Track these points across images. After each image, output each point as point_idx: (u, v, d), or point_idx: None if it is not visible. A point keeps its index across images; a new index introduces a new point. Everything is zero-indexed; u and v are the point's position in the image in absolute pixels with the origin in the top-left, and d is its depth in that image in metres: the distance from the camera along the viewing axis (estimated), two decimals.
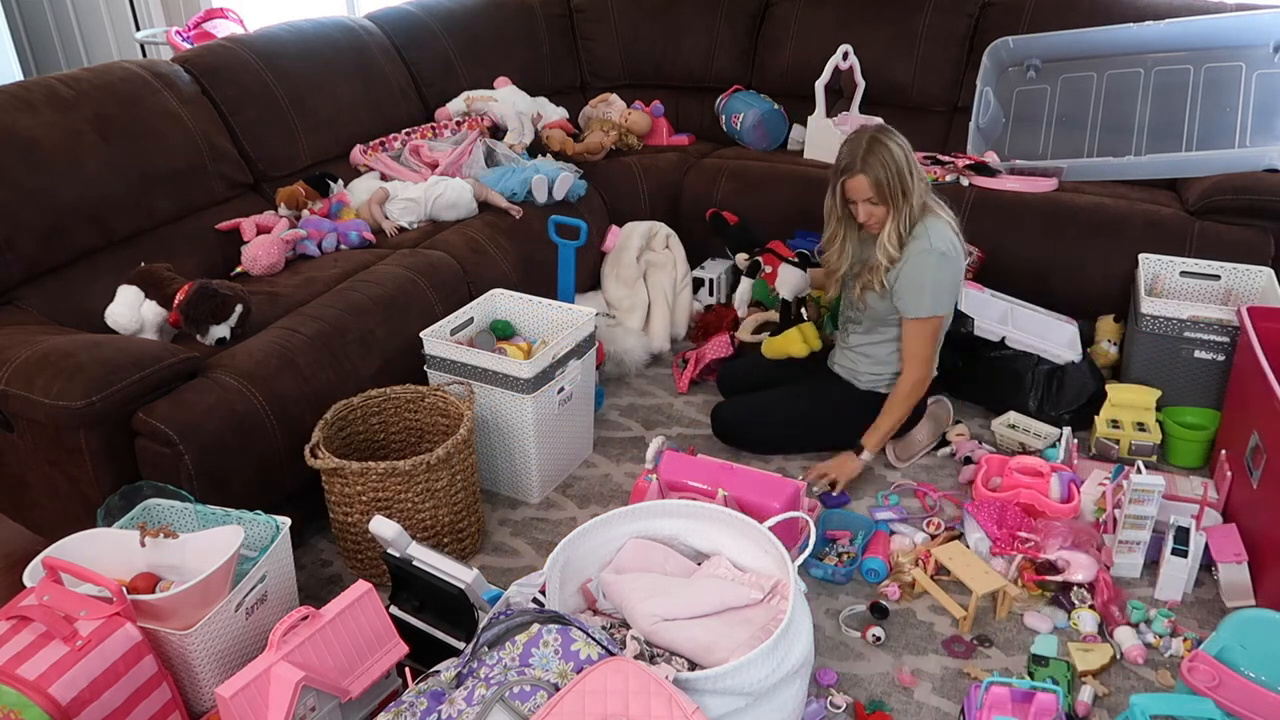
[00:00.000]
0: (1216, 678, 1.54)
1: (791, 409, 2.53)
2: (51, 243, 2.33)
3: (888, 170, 2.21)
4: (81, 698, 1.49)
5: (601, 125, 3.46)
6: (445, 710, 1.47)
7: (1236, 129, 2.96)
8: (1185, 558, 1.99)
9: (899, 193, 2.23)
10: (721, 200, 3.26)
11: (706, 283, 3.24)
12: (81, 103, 2.47)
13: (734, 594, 1.72)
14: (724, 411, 2.58)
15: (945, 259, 2.26)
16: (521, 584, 1.68)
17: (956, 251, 2.29)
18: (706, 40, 3.73)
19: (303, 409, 2.15)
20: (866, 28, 3.44)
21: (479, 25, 3.57)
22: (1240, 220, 2.72)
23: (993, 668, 1.89)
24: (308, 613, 1.59)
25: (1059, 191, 2.98)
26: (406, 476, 2.02)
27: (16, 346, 2.00)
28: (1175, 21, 3.01)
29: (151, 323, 2.25)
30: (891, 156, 2.21)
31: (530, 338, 2.57)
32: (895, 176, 2.21)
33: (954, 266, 2.29)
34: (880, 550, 2.13)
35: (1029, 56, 3.23)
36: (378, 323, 2.38)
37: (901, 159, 2.23)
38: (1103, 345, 2.76)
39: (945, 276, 2.28)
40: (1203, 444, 2.44)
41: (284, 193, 2.75)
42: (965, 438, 2.56)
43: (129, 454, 1.99)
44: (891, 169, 2.21)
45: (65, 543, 1.72)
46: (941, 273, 2.27)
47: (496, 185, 2.98)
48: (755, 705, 1.52)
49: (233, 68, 2.85)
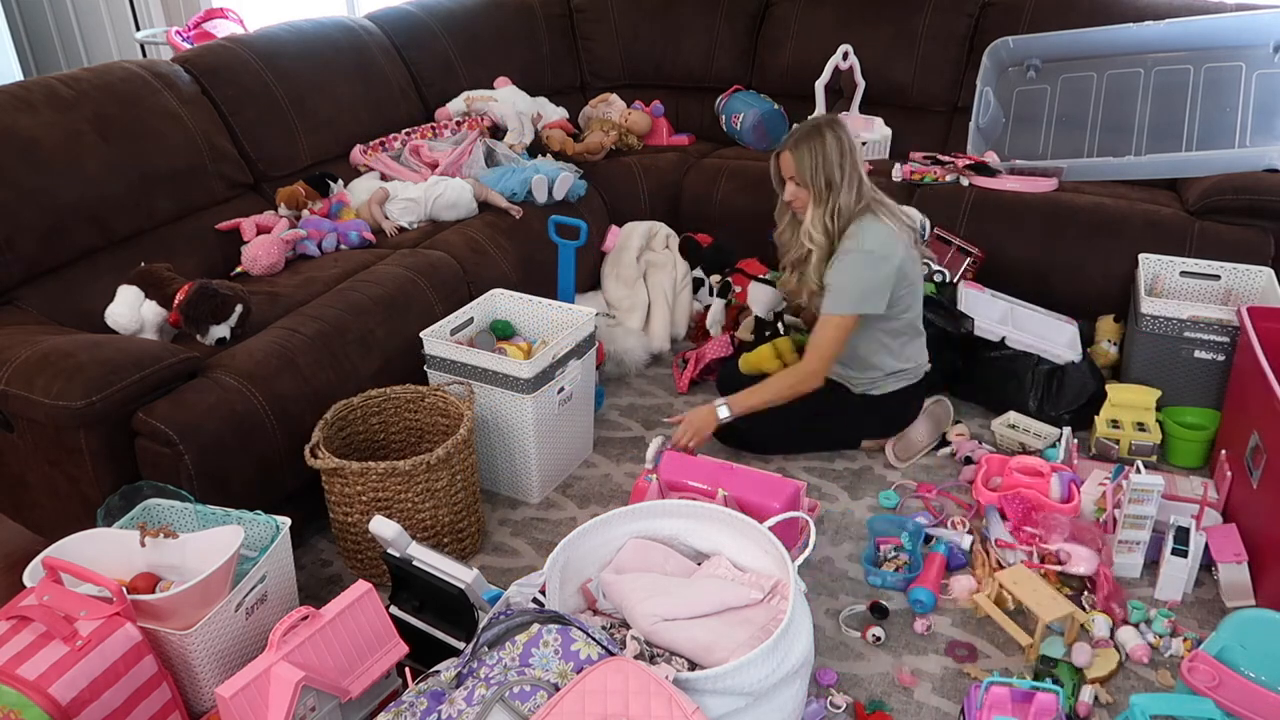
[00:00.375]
0: (1216, 678, 1.54)
1: (790, 410, 2.52)
2: (51, 243, 2.33)
3: (814, 157, 2.28)
4: (81, 698, 1.49)
5: (601, 125, 3.46)
6: (445, 710, 1.47)
7: (1236, 129, 2.96)
8: (1185, 558, 1.99)
9: (822, 182, 2.29)
10: (722, 200, 3.26)
11: (706, 283, 3.24)
12: (81, 103, 2.47)
13: (734, 594, 1.72)
14: None
15: (872, 259, 2.27)
16: (521, 584, 1.68)
17: (889, 252, 2.28)
18: (706, 40, 3.73)
19: (303, 409, 2.15)
20: (866, 28, 3.44)
21: (479, 25, 3.57)
22: (1240, 220, 2.72)
23: (993, 668, 1.89)
24: (308, 613, 1.59)
25: (1059, 191, 2.98)
26: (406, 476, 2.02)
27: (16, 346, 2.00)
28: (1175, 21, 3.01)
29: (151, 323, 2.25)
30: (823, 146, 2.28)
31: (530, 338, 2.58)
32: (820, 165, 2.28)
33: (882, 267, 2.28)
34: (931, 579, 2.06)
35: (1029, 56, 3.24)
36: (378, 323, 2.38)
37: (834, 153, 2.28)
38: (1103, 345, 2.77)
39: (871, 276, 2.28)
40: (1203, 444, 2.44)
41: (284, 193, 2.75)
42: (965, 437, 2.56)
43: (129, 454, 1.99)
44: (818, 157, 2.28)
45: (65, 543, 1.72)
46: (866, 272, 2.28)
47: (496, 185, 2.98)
48: (755, 705, 1.52)
49: (233, 68, 2.85)
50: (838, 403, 2.50)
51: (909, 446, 2.54)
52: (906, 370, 2.46)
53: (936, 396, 2.65)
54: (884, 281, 2.29)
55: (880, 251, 2.28)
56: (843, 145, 2.29)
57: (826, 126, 2.31)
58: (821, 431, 2.53)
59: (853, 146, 2.31)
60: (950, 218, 2.98)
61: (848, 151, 2.29)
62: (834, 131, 2.30)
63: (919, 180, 3.11)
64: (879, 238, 2.29)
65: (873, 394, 2.47)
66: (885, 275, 2.29)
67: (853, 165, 2.30)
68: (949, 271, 2.89)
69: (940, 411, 2.63)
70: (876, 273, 2.29)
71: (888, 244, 2.29)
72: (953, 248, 2.92)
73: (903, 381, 2.47)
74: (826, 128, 2.31)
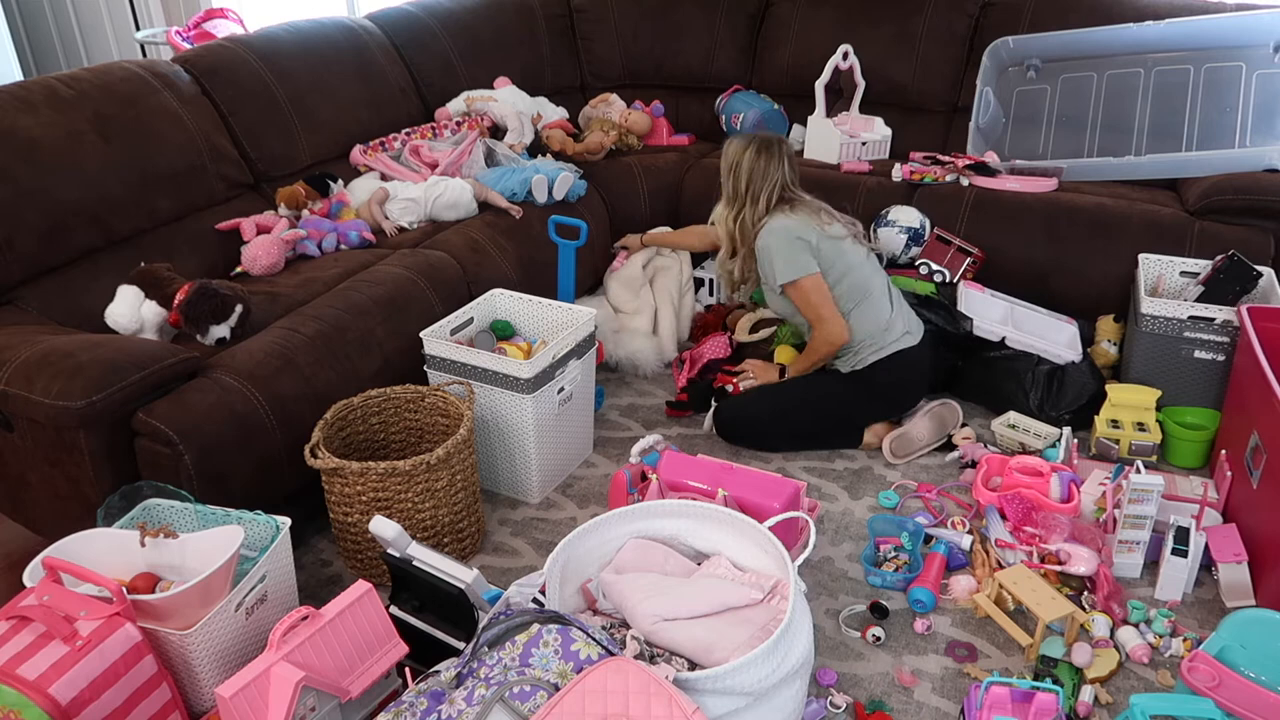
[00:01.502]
0: (1216, 678, 1.54)
1: (788, 400, 2.56)
2: (51, 243, 2.33)
3: (726, 158, 2.58)
4: (81, 698, 1.49)
5: (601, 125, 3.46)
6: (445, 710, 1.47)
7: (1236, 129, 2.96)
8: (1185, 558, 1.99)
9: (729, 184, 2.57)
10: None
11: (707, 283, 3.24)
12: (81, 103, 2.47)
13: (734, 594, 1.72)
14: (724, 410, 2.59)
15: (771, 232, 2.49)
16: (521, 584, 1.68)
17: (790, 227, 2.47)
18: (706, 40, 3.73)
19: (303, 409, 2.15)
20: (866, 28, 3.44)
21: (479, 25, 3.57)
22: (1240, 220, 2.72)
23: (992, 668, 1.89)
24: (308, 613, 1.59)
25: (1059, 191, 2.98)
26: (406, 476, 2.02)
27: (16, 346, 2.00)
28: (1175, 21, 3.01)
29: (151, 323, 2.25)
30: (736, 155, 2.55)
31: (530, 338, 2.58)
32: (730, 169, 2.56)
33: (782, 235, 2.48)
34: (930, 579, 2.06)
35: (1029, 56, 3.24)
36: (378, 323, 2.38)
37: (731, 163, 2.55)
38: (1103, 345, 2.76)
39: (778, 243, 2.48)
40: (1202, 444, 2.44)
41: (284, 193, 2.75)
42: (971, 441, 2.56)
43: (129, 454, 1.99)
44: (729, 162, 2.56)
45: (65, 543, 1.72)
46: (773, 242, 2.49)
47: (496, 185, 2.98)
48: (755, 705, 1.52)
49: (233, 68, 2.85)
50: (832, 386, 2.55)
51: (907, 444, 2.54)
52: (877, 339, 2.50)
53: (942, 399, 2.65)
54: (792, 240, 2.47)
55: (777, 228, 2.49)
56: (745, 158, 2.52)
57: (755, 145, 2.53)
58: (824, 421, 2.56)
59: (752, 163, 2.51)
60: (950, 218, 2.98)
61: (761, 175, 2.51)
62: (759, 151, 2.52)
63: (919, 180, 3.11)
64: (779, 224, 2.50)
65: (860, 370, 2.52)
66: (789, 237, 2.47)
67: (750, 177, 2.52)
68: (949, 271, 2.89)
69: (946, 414, 2.63)
70: (779, 239, 2.48)
71: (787, 226, 2.49)
72: (953, 248, 2.92)
73: (881, 351, 2.51)
74: (753, 145, 2.53)
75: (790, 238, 2.47)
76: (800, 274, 2.46)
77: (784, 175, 2.53)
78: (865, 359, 2.51)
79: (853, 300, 2.51)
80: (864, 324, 2.51)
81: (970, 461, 2.49)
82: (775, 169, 2.52)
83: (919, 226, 2.95)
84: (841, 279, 2.50)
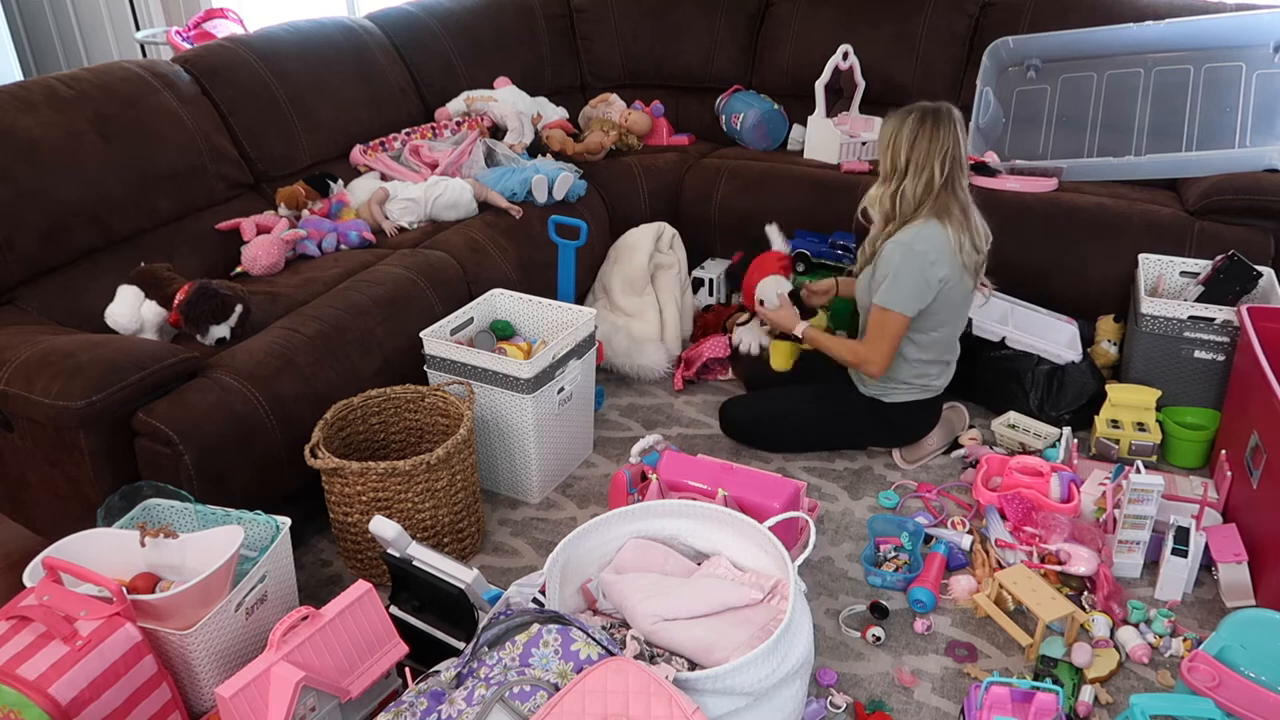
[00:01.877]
0: (1216, 678, 1.54)
1: (797, 405, 2.54)
2: (51, 243, 2.33)
3: (884, 133, 2.30)
4: (81, 698, 1.49)
5: (601, 125, 3.46)
6: (445, 710, 1.47)
7: (1236, 129, 2.96)
8: (1185, 558, 1.99)
9: (886, 159, 2.30)
10: (721, 200, 3.26)
11: (707, 283, 3.24)
12: (81, 103, 2.47)
13: (734, 594, 1.72)
14: (731, 409, 2.59)
15: (910, 253, 2.23)
16: (521, 584, 1.68)
17: (932, 252, 2.23)
18: (706, 40, 3.73)
19: (303, 409, 2.15)
20: (866, 28, 3.44)
21: (479, 25, 3.57)
22: (1240, 220, 2.72)
23: (992, 668, 1.89)
24: (308, 613, 1.59)
25: (1059, 191, 2.98)
26: (406, 476, 2.02)
27: (16, 346, 2.00)
28: (1175, 21, 3.01)
29: (151, 323, 2.25)
30: (896, 127, 2.27)
31: (530, 338, 2.58)
32: (888, 143, 2.29)
33: (917, 263, 2.23)
34: (930, 579, 2.06)
35: (1029, 56, 3.23)
36: (378, 323, 2.38)
37: (904, 136, 2.25)
38: (1103, 345, 2.76)
39: (905, 270, 2.24)
40: (1202, 444, 2.44)
41: (284, 193, 2.75)
42: (977, 442, 2.56)
43: (129, 454, 1.99)
44: (887, 136, 2.29)
45: (65, 543, 1.72)
46: (902, 264, 2.24)
47: (496, 185, 2.98)
48: (755, 705, 1.52)
49: (233, 68, 2.85)
50: (847, 404, 2.49)
51: (917, 450, 2.53)
52: (920, 385, 2.43)
53: (951, 403, 2.64)
54: (918, 279, 2.24)
55: (920, 247, 2.24)
56: (927, 135, 2.22)
57: (923, 113, 2.25)
58: (827, 427, 2.53)
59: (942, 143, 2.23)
60: None
61: (929, 144, 2.23)
62: (926, 120, 2.24)
63: None
64: (929, 239, 2.24)
65: (883, 400, 2.45)
66: (919, 272, 2.24)
67: (927, 159, 2.23)
68: None
69: (954, 417, 2.62)
70: (910, 267, 2.24)
71: (936, 246, 2.23)
72: None
73: (914, 395, 2.44)
74: (920, 114, 2.25)
75: (914, 255, 2.23)
76: (896, 307, 2.27)
77: (954, 149, 2.24)
78: (894, 395, 2.44)
79: (934, 353, 2.40)
80: (917, 372, 2.41)
81: (972, 461, 2.49)
82: (946, 137, 2.23)
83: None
84: (938, 328, 2.35)
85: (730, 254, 3.28)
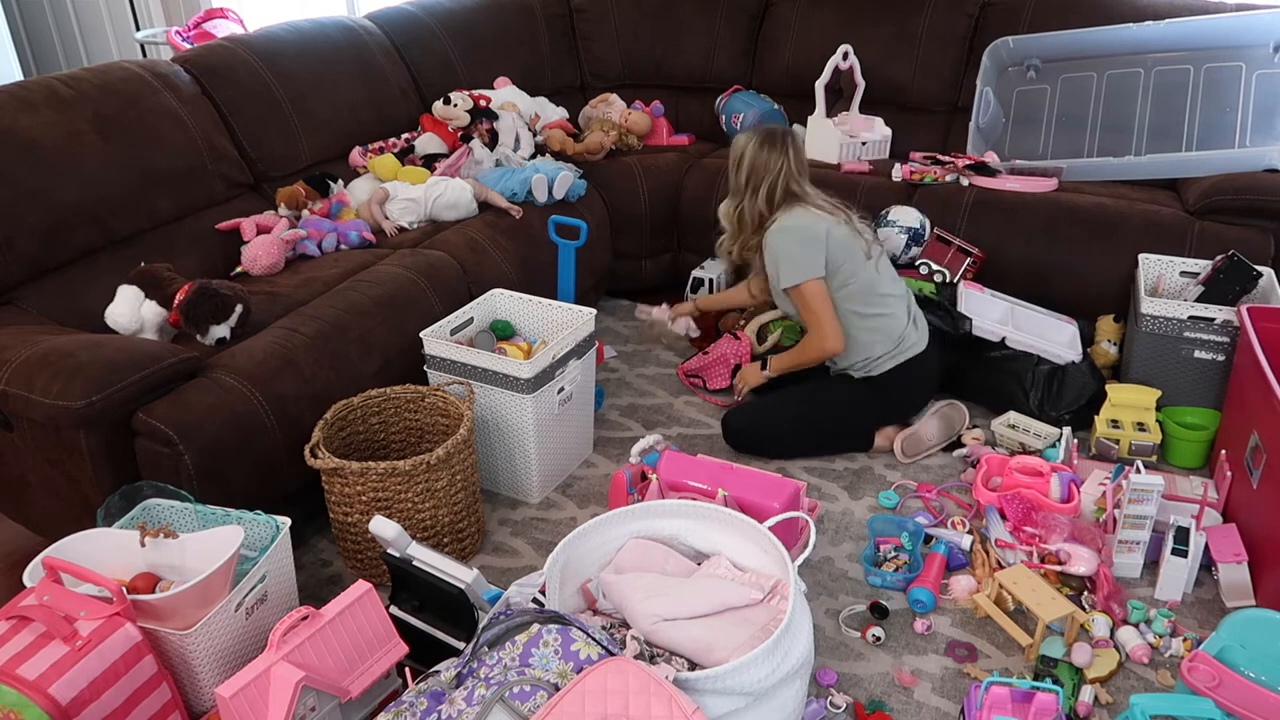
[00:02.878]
0: (1216, 678, 1.54)
1: (799, 406, 2.55)
2: (51, 243, 2.33)
3: (732, 153, 2.55)
4: (81, 698, 1.49)
5: (601, 125, 3.46)
6: (445, 710, 1.47)
7: (1236, 129, 2.96)
8: (1185, 558, 1.99)
9: (731, 177, 2.55)
10: (721, 200, 3.25)
11: (707, 282, 3.24)
12: (81, 103, 2.47)
13: (734, 594, 1.72)
14: (733, 418, 2.58)
15: (785, 230, 2.45)
16: (521, 584, 1.68)
17: (801, 221, 2.43)
18: (706, 40, 3.73)
19: (303, 409, 2.15)
20: (866, 28, 3.44)
21: (479, 25, 3.57)
22: (1240, 220, 2.72)
23: (992, 668, 1.89)
24: (308, 613, 1.59)
25: (1059, 191, 2.98)
26: (406, 476, 2.02)
27: (16, 346, 2.00)
28: (1175, 21, 3.01)
29: (151, 323, 2.25)
30: (734, 148, 2.53)
31: (530, 338, 2.58)
32: (735, 164, 2.53)
33: (796, 235, 2.43)
34: (930, 579, 2.06)
35: (1029, 56, 3.24)
36: (378, 323, 2.38)
37: (736, 156, 2.51)
38: (1103, 345, 2.76)
39: (789, 244, 2.44)
40: (1202, 444, 2.44)
41: (284, 193, 2.75)
42: (980, 442, 2.56)
43: (129, 454, 1.99)
44: (734, 157, 2.53)
45: (65, 543, 1.72)
46: (784, 242, 2.45)
47: (496, 185, 2.98)
48: (755, 705, 1.52)
49: (233, 68, 2.85)
50: (845, 392, 2.54)
51: (917, 443, 2.54)
52: (892, 346, 2.48)
53: (949, 399, 2.65)
54: (805, 244, 2.43)
55: (791, 224, 2.45)
56: (758, 161, 2.47)
57: (759, 137, 2.49)
58: (838, 426, 2.55)
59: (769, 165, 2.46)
60: (950, 218, 2.98)
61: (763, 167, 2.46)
62: (762, 143, 2.48)
63: (919, 180, 3.11)
64: (789, 222, 2.45)
65: (874, 376, 2.50)
66: (808, 240, 2.42)
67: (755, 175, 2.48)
68: (949, 271, 2.89)
69: (953, 414, 2.63)
70: (792, 240, 2.44)
71: (796, 225, 2.44)
72: (953, 248, 2.92)
73: (897, 357, 2.49)
74: (757, 138, 2.49)
75: (798, 237, 2.43)
76: (803, 278, 2.42)
77: (788, 167, 2.46)
78: (881, 365, 2.49)
79: (866, 304, 2.47)
80: (880, 331, 2.48)
81: (973, 461, 2.49)
82: (778, 160, 2.46)
83: (919, 227, 2.95)
84: (851, 279, 2.46)
85: None
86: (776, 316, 2.92)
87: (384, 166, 2.96)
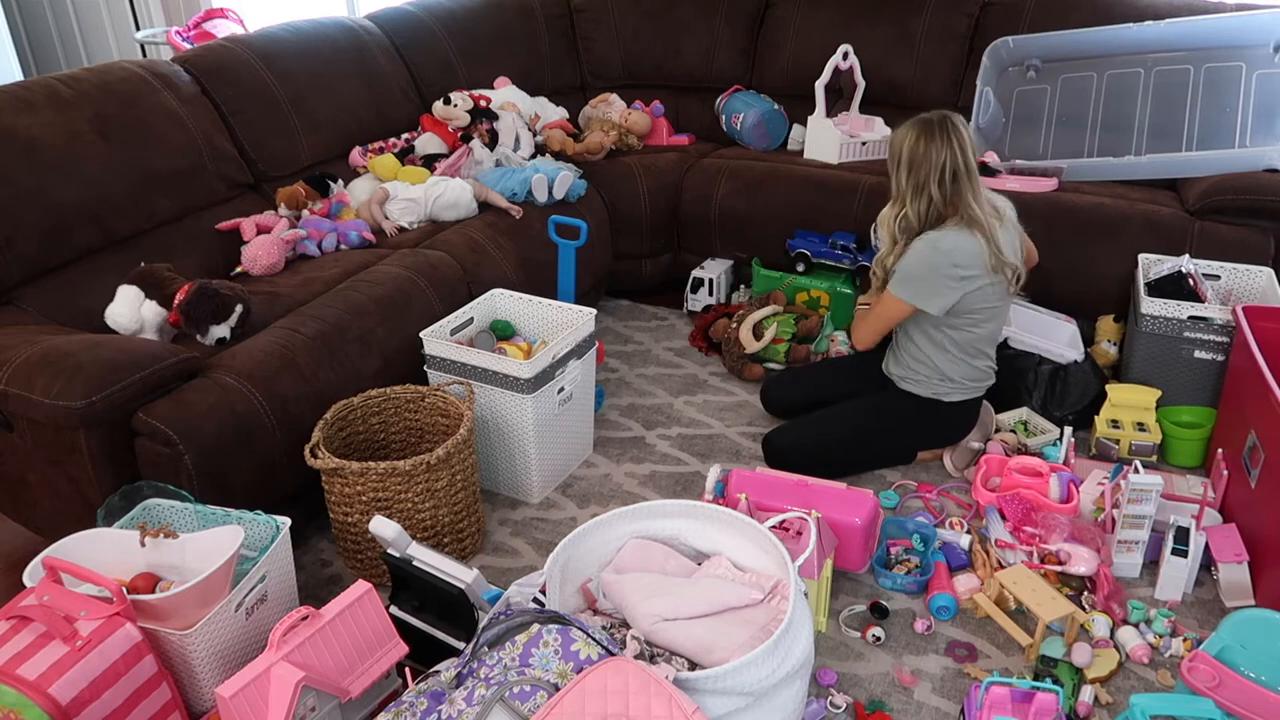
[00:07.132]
0: (1216, 678, 1.54)
1: (847, 425, 2.44)
2: (51, 243, 2.33)
3: (890, 150, 2.29)
4: (81, 698, 1.49)
5: (601, 125, 3.46)
6: (445, 710, 1.47)
7: (1236, 129, 2.96)
8: (1185, 558, 1.99)
9: (892, 179, 2.29)
10: (721, 200, 3.26)
11: (706, 282, 3.24)
12: (81, 103, 2.47)
13: (734, 594, 1.72)
14: (777, 439, 2.44)
15: (934, 250, 2.20)
16: (521, 584, 1.68)
17: (957, 253, 2.19)
18: (706, 40, 3.73)
19: (303, 409, 2.15)
20: (866, 28, 3.44)
21: (479, 25, 3.57)
22: (1240, 220, 2.72)
23: (993, 668, 1.89)
24: (308, 613, 1.59)
25: (1059, 191, 2.98)
26: (406, 476, 2.02)
27: (16, 346, 2.00)
28: (1175, 21, 3.01)
29: (151, 323, 2.24)
30: (898, 145, 2.26)
31: (530, 338, 2.58)
32: (895, 163, 2.27)
33: (937, 259, 2.20)
34: (946, 584, 2.05)
35: (1029, 56, 3.23)
36: (378, 323, 2.38)
37: (904, 156, 2.23)
38: (1103, 345, 2.76)
39: (923, 268, 2.22)
40: (1199, 443, 2.44)
41: (284, 193, 2.75)
42: (1009, 445, 2.54)
43: (129, 454, 1.99)
44: (893, 154, 2.28)
45: (65, 543, 1.72)
46: (923, 260, 2.21)
47: (496, 185, 2.98)
48: (755, 705, 1.52)
49: (233, 68, 2.85)
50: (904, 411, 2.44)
51: (965, 454, 2.51)
52: (971, 385, 2.41)
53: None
54: (941, 284, 2.21)
55: (943, 245, 2.20)
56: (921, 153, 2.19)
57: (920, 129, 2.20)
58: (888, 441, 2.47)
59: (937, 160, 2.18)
60: None
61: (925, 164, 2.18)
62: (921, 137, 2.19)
63: None
64: (951, 238, 2.20)
65: (942, 401, 2.40)
66: (937, 267, 2.20)
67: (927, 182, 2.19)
68: None
69: (985, 417, 2.60)
70: (933, 270, 2.20)
71: (959, 246, 2.19)
72: None
73: (970, 394, 2.43)
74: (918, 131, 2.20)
75: (935, 251, 2.19)
76: (905, 298, 2.26)
77: (954, 158, 2.17)
78: (953, 395, 2.40)
79: (975, 355, 2.36)
80: (974, 379, 2.40)
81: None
82: (940, 153, 2.16)
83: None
84: (974, 328, 2.30)
85: (730, 254, 3.28)
86: (771, 313, 2.92)
87: (384, 166, 2.96)
